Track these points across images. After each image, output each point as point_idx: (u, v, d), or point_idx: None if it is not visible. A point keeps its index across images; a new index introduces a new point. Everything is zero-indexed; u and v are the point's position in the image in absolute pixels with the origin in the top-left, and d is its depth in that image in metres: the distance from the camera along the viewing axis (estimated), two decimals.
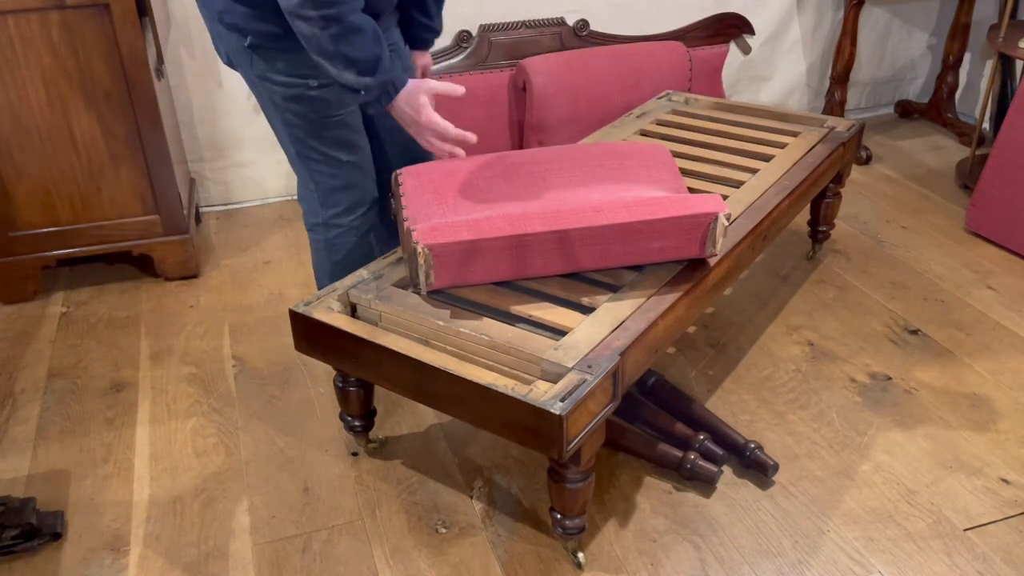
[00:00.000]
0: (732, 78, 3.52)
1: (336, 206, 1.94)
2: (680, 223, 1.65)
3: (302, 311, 1.68)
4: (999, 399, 2.09)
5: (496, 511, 1.80)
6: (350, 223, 1.96)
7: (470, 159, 1.80)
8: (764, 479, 1.85)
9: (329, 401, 2.10)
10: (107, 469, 1.94)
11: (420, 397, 1.61)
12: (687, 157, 2.31)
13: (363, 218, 1.97)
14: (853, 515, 1.77)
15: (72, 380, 2.24)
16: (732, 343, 2.31)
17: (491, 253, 1.61)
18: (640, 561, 1.67)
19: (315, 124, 1.83)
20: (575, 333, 1.56)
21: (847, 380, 2.16)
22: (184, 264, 2.65)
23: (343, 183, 1.91)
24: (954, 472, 1.87)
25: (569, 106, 3.04)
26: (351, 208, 1.95)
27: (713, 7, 3.36)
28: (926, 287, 2.55)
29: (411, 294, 1.69)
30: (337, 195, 1.93)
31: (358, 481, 1.89)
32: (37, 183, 2.45)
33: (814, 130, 2.47)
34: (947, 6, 3.64)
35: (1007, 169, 2.69)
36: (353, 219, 1.95)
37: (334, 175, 1.90)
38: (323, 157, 1.87)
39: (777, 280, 2.59)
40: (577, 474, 1.53)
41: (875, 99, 3.86)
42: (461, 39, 3.08)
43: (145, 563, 1.70)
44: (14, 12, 2.23)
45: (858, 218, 2.95)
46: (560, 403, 1.39)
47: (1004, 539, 1.70)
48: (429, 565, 1.68)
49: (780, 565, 1.66)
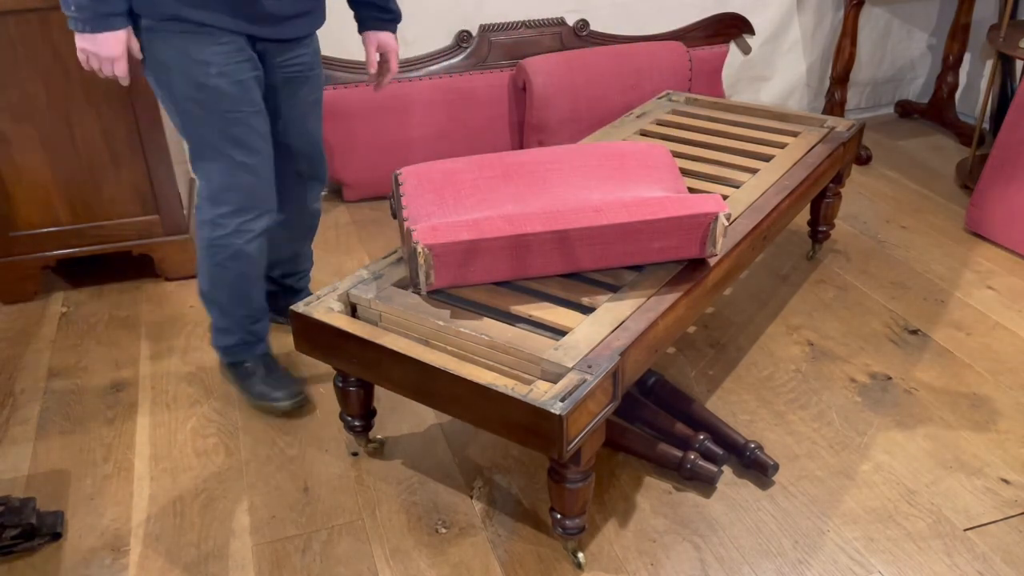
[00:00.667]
0: (732, 78, 3.52)
1: (224, 205, 1.90)
2: (680, 223, 1.65)
3: (302, 311, 1.68)
4: (999, 399, 2.09)
5: (496, 511, 1.80)
6: (237, 226, 1.91)
7: (470, 159, 1.80)
8: (764, 479, 1.85)
9: (329, 401, 2.10)
10: (107, 469, 1.94)
11: (420, 397, 1.61)
12: (687, 157, 2.31)
13: (252, 223, 1.93)
14: (853, 515, 1.77)
15: (72, 380, 2.24)
16: (732, 343, 2.31)
17: (491, 253, 1.61)
18: (640, 561, 1.67)
19: (213, 117, 1.80)
20: (575, 333, 1.56)
21: (847, 380, 2.16)
22: (184, 264, 2.65)
23: (234, 183, 1.88)
24: (954, 472, 1.87)
25: (569, 106, 3.04)
26: (239, 211, 1.91)
27: (713, 7, 3.36)
28: (926, 287, 2.56)
29: (411, 294, 1.69)
30: (227, 194, 1.89)
31: (358, 481, 1.89)
32: (37, 183, 2.45)
33: (814, 130, 2.47)
34: (947, 6, 3.64)
35: (1007, 169, 2.69)
36: (241, 222, 1.91)
37: (226, 173, 1.86)
38: (217, 154, 1.84)
39: (777, 280, 2.59)
40: (577, 474, 1.53)
41: (875, 99, 3.86)
42: (461, 39, 3.08)
43: (145, 563, 1.70)
44: (14, 12, 2.23)
45: (858, 218, 2.95)
46: (560, 403, 1.39)
47: (1004, 539, 1.70)
48: (429, 565, 1.68)
49: (780, 565, 1.66)
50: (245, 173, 1.88)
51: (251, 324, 2.08)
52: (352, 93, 2.95)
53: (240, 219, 1.91)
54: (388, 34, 2.06)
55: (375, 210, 3.07)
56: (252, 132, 1.85)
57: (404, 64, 3.03)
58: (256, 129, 1.86)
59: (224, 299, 2.03)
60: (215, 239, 1.93)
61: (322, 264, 2.74)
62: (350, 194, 3.13)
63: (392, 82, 2.98)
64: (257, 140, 1.87)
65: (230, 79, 1.77)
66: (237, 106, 1.80)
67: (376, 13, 2.03)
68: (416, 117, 3.03)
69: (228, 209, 1.90)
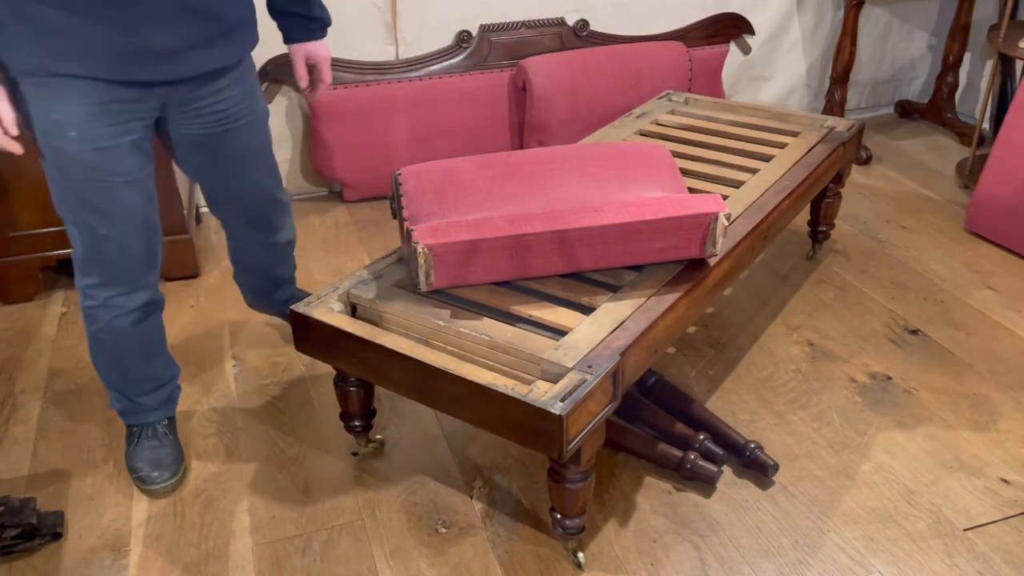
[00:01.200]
0: (732, 78, 3.52)
1: (89, 276, 1.68)
2: (680, 223, 1.65)
3: (302, 311, 1.68)
4: (999, 399, 2.09)
5: (496, 511, 1.80)
6: (105, 300, 1.69)
7: (470, 159, 1.80)
8: (764, 479, 1.85)
9: (329, 401, 2.10)
10: (107, 469, 1.94)
11: (420, 397, 1.61)
12: (687, 157, 2.31)
13: (123, 299, 1.71)
14: (853, 515, 1.77)
15: (72, 380, 2.23)
16: (732, 343, 2.31)
17: (491, 253, 1.61)
18: (640, 561, 1.67)
19: (71, 184, 1.56)
20: (575, 333, 1.56)
21: (847, 380, 2.16)
22: (184, 264, 2.65)
23: (98, 255, 1.65)
24: (954, 472, 1.87)
25: (569, 106, 3.04)
26: (106, 285, 1.68)
27: (713, 7, 3.36)
28: (926, 287, 2.55)
29: (411, 294, 1.69)
30: (91, 266, 1.67)
31: (358, 481, 1.89)
32: (37, 183, 2.44)
33: (814, 130, 2.47)
34: (947, 6, 3.64)
35: (1007, 169, 2.69)
36: (109, 297, 1.69)
37: (89, 244, 1.64)
38: (79, 221, 1.61)
39: (777, 280, 2.59)
40: (577, 474, 1.53)
41: (875, 99, 3.86)
42: (461, 39, 3.08)
43: (145, 563, 1.70)
44: None
45: (858, 218, 2.95)
46: (560, 403, 1.39)
47: (1004, 539, 1.70)
48: (429, 565, 1.68)
49: (780, 565, 1.66)
50: (110, 245, 1.64)
51: (138, 396, 1.87)
52: (352, 93, 2.95)
53: (108, 293, 1.69)
54: (317, 43, 1.87)
55: (375, 210, 3.07)
56: (116, 204, 1.59)
57: (404, 64, 3.03)
58: (122, 201, 1.60)
59: (102, 368, 1.84)
60: (86, 309, 1.73)
61: (322, 264, 2.74)
62: (350, 194, 3.13)
63: (393, 82, 2.99)
64: (124, 212, 1.62)
65: (92, 145, 1.52)
66: (100, 176, 1.56)
67: (301, 22, 1.83)
68: (416, 117, 3.03)
69: (94, 281, 1.68)
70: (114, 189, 1.56)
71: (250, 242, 2.06)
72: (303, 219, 3.02)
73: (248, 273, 2.19)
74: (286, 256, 2.17)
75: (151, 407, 1.90)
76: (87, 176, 1.54)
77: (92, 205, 1.57)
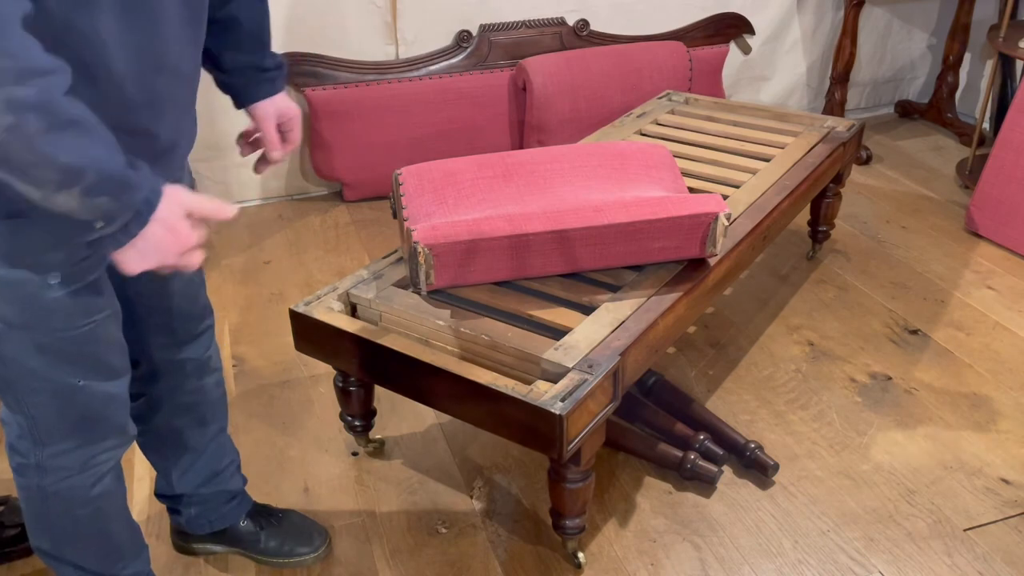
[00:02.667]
0: (732, 78, 3.52)
1: (60, 442, 1.29)
2: (680, 223, 1.65)
3: (302, 311, 1.68)
4: (999, 399, 2.09)
5: (496, 511, 1.80)
6: (83, 463, 1.32)
7: (470, 159, 1.80)
8: (764, 479, 1.85)
9: (329, 401, 2.10)
10: None
11: (420, 397, 1.61)
12: (687, 157, 2.31)
13: (108, 455, 1.35)
14: (853, 515, 1.77)
15: None
16: (732, 343, 2.31)
17: (491, 253, 1.61)
18: (640, 561, 1.67)
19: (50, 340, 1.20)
20: (575, 333, 1.56)
21: (847, 380, 2.16)
22: None
23: (78, 415, 1.28)
24: (954, 472, 1.87)
25: (569, 106, 3.04)
26: (85, 444, 1.31)
27: (713, 7, 3.36)
28: (926, 287, 2.55)
29: (411, 294, 1.69)
30: (65, 429, 1.28)
31: (358, 481, 1.89)
32: None
33: (814, 130, 2.47)
34: (947, 6, 3.64)
35: (1007, 169, 2.69)
36: (93, 455, 1.32)
37: (65, 405, 1.26)
38: (46, 383, 1.24)
39: (777, 280, 2.59)
40: (577, 474, 1.52)
41: (875, 99, 3.86)
42: (461, 39, 3.08)
43: None
44: None
45: (858, 218, 2.95)
46: (560, 403, 1.39)
47: (1004, 539, 1.70)
48: (429, 565, 1.68)
49: (780, 565, 1.66)
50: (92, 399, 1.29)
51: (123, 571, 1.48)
52: (352, 93, 2.95)
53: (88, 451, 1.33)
54: (282, 95, 1.46)
55: (375, 210, 3.07)
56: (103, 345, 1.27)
57: (404, 64, 3.03)
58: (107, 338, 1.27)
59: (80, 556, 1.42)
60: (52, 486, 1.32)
61: (322, 264, 2.74)
62: (350, 194, 3.13)
63: (394, 82, 2.99)
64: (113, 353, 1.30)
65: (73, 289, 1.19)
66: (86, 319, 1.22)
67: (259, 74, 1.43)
68: (416, 117, 3.03)
69: (68, 446, 1.31)
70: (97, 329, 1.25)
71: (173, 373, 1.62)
72: (303, 219, 3.03)
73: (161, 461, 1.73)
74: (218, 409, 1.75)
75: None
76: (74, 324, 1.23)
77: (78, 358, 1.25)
